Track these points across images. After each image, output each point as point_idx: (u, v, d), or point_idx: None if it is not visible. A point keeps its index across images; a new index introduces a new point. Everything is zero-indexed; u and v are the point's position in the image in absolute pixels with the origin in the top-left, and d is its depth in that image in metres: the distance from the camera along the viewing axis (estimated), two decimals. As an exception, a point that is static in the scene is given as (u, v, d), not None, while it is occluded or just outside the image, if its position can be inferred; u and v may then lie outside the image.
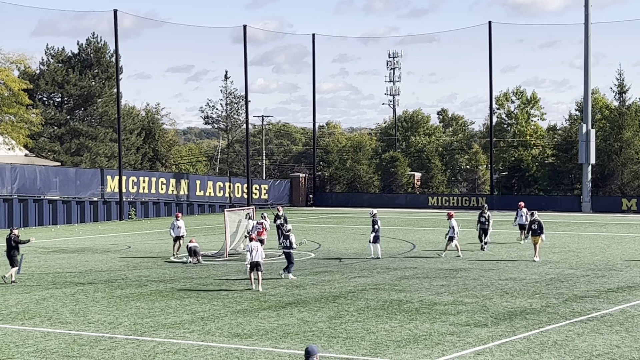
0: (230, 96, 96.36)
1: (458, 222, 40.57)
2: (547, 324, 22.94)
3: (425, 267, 34.74)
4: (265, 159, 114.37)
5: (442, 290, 28.88)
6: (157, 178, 71.67)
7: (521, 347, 20.39)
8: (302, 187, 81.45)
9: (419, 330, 22.33)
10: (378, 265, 35.44)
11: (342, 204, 78.16)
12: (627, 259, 37.35)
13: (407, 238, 47.42)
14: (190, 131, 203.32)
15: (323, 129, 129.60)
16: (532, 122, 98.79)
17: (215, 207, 74.42)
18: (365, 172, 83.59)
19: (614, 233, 49.44)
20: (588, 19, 69.96)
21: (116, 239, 49.97)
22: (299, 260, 37.37)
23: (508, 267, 34.69)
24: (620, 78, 78.72)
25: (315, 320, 23.80)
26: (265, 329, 22.62)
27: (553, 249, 41.39)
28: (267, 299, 27.42)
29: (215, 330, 22.55)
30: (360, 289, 29.31)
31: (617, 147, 73.41)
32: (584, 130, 69.51)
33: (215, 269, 35.22)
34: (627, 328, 22.35)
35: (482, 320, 23.48)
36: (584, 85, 70.93)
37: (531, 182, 78.94)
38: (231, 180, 78.41)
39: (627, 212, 67.92)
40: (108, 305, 26.61)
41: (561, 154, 78.05)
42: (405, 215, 66.38)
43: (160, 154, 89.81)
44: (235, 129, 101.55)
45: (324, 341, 21.12)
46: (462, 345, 20.56)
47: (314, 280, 31.52)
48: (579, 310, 24.93)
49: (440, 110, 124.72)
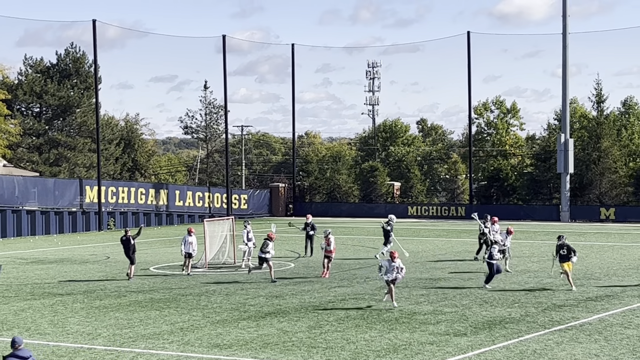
0: (210, 106, 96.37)
1: (444, 233, 40.56)
2: (527, 333, 23.00)
3: (404, 277, 34.72)
4: (245, 169, 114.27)
5: (421, 299, 28.91)
6: (136, 188, 71.48)
7: (500, 356, 20.43)
8: (281, 197, 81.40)
9: (398, 339, 22.34)
10: (357, 275, 35.46)
11: (321, 213, 78.09)
12: (606, 268, 37.51)
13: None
14: (170, 141, 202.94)
15: (303, 138, 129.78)
16: (511, 131, 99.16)
17: (195, 218, 74.25)
18: (345, 181, 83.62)
19: (592, 242, 49.65)
20: (566, 30, 70.36)
21: (95, 249, 49.78)
22: (279, 270, 37.34)
23: (484, 277, 34.71)
24: (598, 88, 79.20)
25: (295, 330, 23.78)
26: (245, 340, 22.58)
27: (532, 257, 41.51)
28: (246, 309, 27.37)
29: (195, 341, 22.49)
30: (340, 298, 29.31)
31: (596, 156, 73.73)
32: (563, 139, 69.81)
33: (194, 279, 35.13)
34: (605, 337, 22.43)
35: (461, 330, 23.52)
36: (562, 95, 71.25)
37: (510, 192, 79.15)
38: (210, 190, 78.30)
39: (605, 221, 68.20)
40: (87, 316, 26.50)
41: (540, 163, 78.32)
42: (385, 225, 66.39)
43: (139, 164, 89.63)
44: (214, 139, 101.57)
45: (304, 351, 21.10)
46: (442, 355, 20.58)
47: (294, 290, 31.49)
48: (558, 319, 25.01)
49: (420, 120, 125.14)
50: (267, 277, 34.99)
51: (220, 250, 40.57)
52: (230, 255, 40.61)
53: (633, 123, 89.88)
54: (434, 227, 64.34)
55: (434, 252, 45.08)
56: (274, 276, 33.84)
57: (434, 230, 60.50)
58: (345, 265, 39.32)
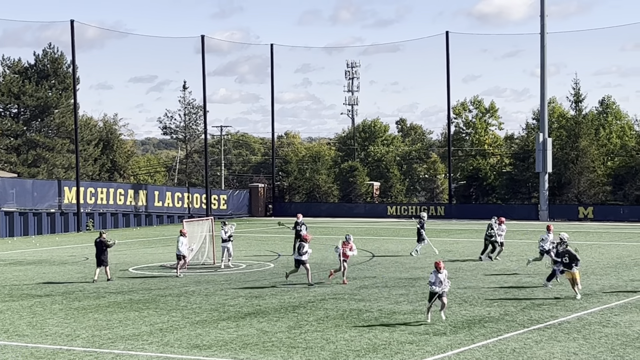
0: (189, 106, 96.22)
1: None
2: (506, 332, 23.06)
3: (384, 276, 34.81)
4: (224, 169, 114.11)
5: (401, 299, 28.95)
6: (115, 189, 71.26)
7: (480, 355, 20.48)
8: (261, 197, 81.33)
9: (378, 339, 22.36)
10: (337, 275, 35.44)
11: (301, 213, 78.05)
12: (584, 266, 37.61)
13: (366, 247, 47.48)
14: (149, 142, 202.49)
15: (282, 139, 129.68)
16: (490, 131, 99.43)
17: (174, 218, 74.09)
18: (324, 181, 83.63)
19: (570, 241, 49.70)
20: (544, 30, 70.63)
21: (74, 250, 49.60)
22: (258, 271, 37.33)
23: (467, 275, 34.83)
24: (576, 87, 79.60)
25: (274, 330, 23.76)
26: (225, 340, 22.55)
27: (511, 257, 41.61)
28: (226, 309, 27.33)
29: (174, 342, 22.44)
30: (320, 298, 29.31)
31: (574, 155, 74.05)
32: (541, 139, 70.06)
33: (173, 280, 35.05)
34: (584, 335, 22.52)
35: (441, 329, 23.56)
36: (541, 95, 71.52)
37: (489, 191, 79.38)
38: (190, 190, 78.15)
39: (583, 220, 68.49)
40: (66, 317, 26.39)
41: (519, 162, 78.58)
42: (365, 225, 66.50)
43: (118, 165, 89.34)
44: (193, 140, 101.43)
45: (284, 351, 21.09)
46: (422, 354, 20.61)
47: (273, 290, 31.47)
48: (536, 318, 25.09)
49: (399, 120, 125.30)
50: (247, 277, 35.00)
51: (199, 251, 40.49)
52: (209, 256, 40.54)
53: (611, 122, 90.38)
54: (413, 226, 64.28)
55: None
56: (311, 280, 32.57)
57: (413, 230, 60.38)
58: (325, 265, 39.31)
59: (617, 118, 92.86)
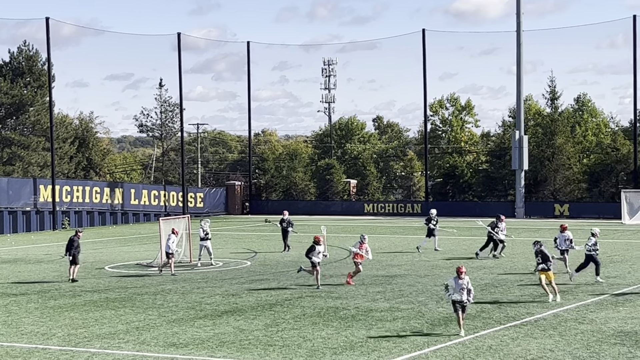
0: (165, 104, 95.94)
1: (400, 230, 40.76)
2: (482, 329, 23.13)
3: (360, 274, 34.77)
4: (201, 167, 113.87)
5: (378, 296, 28.97)
6: (91, 187, 70.96)
7: (456, 352, 20.53)
8: (237, 195, 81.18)
9: (355, 337, 22.37)
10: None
11: (278, 211, 77.52)
12: (560, 263, 37.75)
13: (343, 245, 47.49)
14: (125, 140, 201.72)
15: (259, 136, 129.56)
16: (466, 128, 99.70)
17: (150, 216, 73.84)
18: (301, 179, 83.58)
19: (546, 238, 49.89)
20: (520, 27, 70.82)
21: (49, 249, 49.34)
22: (235, 269, 37.27)
23: (443, 273, 34.89)
24: (552, 85, 79.91)
25: (251, 328, 23.73)
26: (201, 338, 22.50)
27: (486, 254, 41.70)
28: (202, 307, 27.28)
29: (151, 340, 22.37)
30: (297, 296, 29.30)
31: (550, 153, 74.32)
32: (517, 136, 70.28)
33: (150, 278, 34.96)
34: (560, 332, 22.61)
35: (417, 326, 23.60)
36: (517, 92, 71.73)
37: (465, 189, 79.57)
38: (166, 188, 77.92)
39: (559, 217, 68.73)
40: (41, 316, 26.26)
41: (495, 160, 78.79)
42: (341, 222, 66.52)
43: (94, 163, 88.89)
44: (170, 137, 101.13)
45: (260, 349, 21.06)
46: (398, 352, 20.64)
47: (250, 288, 31.43)
48: (513, 315, 25.17)
49: (376, 118, 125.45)
50: (224, 276, 34.97)
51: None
52: (186, 254, 40.43)
53: (586, 120, 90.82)
54: (390, 224, 64.52)
55: (390, 249, 45.20)
56: (320, 283, 31.32)
57: (390, 227, 60.66)
58: (301, 263, 39.26)
59: (593, 115, 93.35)
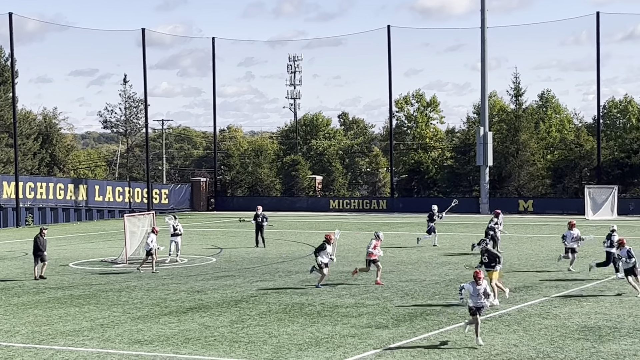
0: (130, 100, 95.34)
1: (366, 226, 40.80)
2: (447, 325, 23.22)
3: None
4: (166, 164, 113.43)
5: (343, 292, 29.00)
6: (54, 183, 70.49)
7: (421, 347, 20.59)
8: (203, 192, 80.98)
9: (320, 333, 22.38)
10: (280, 269, 35.46)
11: (243, 207, 77.79)
12: (524, 259, 38.05)
13: (308, 241, 47.51)
14: (89, 136, 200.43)
15: (224, 132, 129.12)
16: (431, 125, 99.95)
17: (115, 213, 73.50)
18: (267, 175, 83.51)
19: (511, 234, 50.27)
20: (484, 24, 71.11)
21: (13, 246, 48.98)
22: (200, 265, 37.18)
23: (408, 269, 35.00)
24: (516, 81, 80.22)
25: (217, 325, 23.68)
26: (166, 335, 22.42)
27: (452, 249, 41.92)
28: (167, 304, 27.19)
29: (115, 337, 22.26)
30: (262, 292, 29.27)
31: (514, 149, 74.72)
32: (482, 133, 70.59)
33: (115, 275, 34.79)
34: (524, 327, 22.74)
35: (383, 322, 23.65)
36: (481, 89, 72.01)
37: (430, 185, 79.83)
38: (131, 185, 77.58)
39: (523, 213, 69.14)
40: (5, 313, 26.06)
41: (460, 156, 79.12)
42: (307, 219, 66.53)
43: (58, 159, 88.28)
44: (134, 134, 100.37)
45: (226, 346, 21.02)
46: (364, 347, 20.67)
47: (216, 284, 31.37)
48: (477, 310, 25.25)
49: (341, 114, 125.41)
50: (189, 272, 34.89)
51: (140, 246, 40.19)
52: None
53: (550, 116, 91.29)
54: (356, 220, 64.62)
55: (356, 245, 45.25)
56: (320, 283, 30.35)
57: (355, 224, 60.75)
58: (267, 259, 39.29)
59: (557, 112, 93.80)
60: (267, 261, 38.39)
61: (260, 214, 45.37)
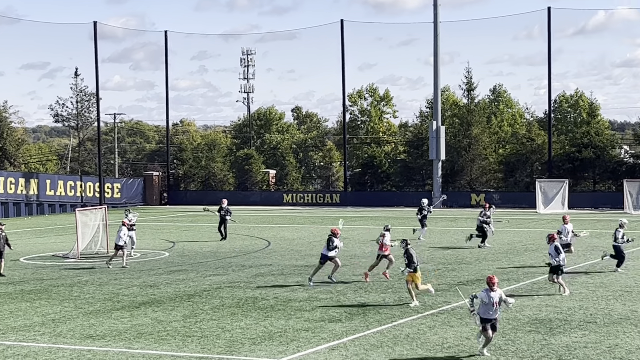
0: (82, 94, 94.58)
1: (319, 220, 40.81)
2: (400, 318, 23.32)
3: (280, 264, 34.85)
4: (118, 158, 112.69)
5: (297, 286, 29.02)
6: (5, 178, 69.73)
7: (374, 341, 20.67)
8: (155, 186, 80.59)
9: (274, 327, 22.38)
10: (233, 264, 35.39)
11: (196, 202, 77.53)
12: (476, 252, 38.30)
13: (262, 235, 47.47)
14: (40, 129, 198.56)
15: (177, 126, 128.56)
16: (384, 119, 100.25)
17: (67, 207, 72.89)
18: (220, 169, 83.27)
19: (463, 227, 50.56)
20: (437, 18, 71.40)
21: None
22: (153, 260, 37.00)
23: (362, 262, 35.06)
24: (468, 76, 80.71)
25: (169, 319, 23.60)
26: (119, 330, 22.30)
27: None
28: (120, 299, 27.04)
29: (67, 332, 22.10)
30: (216, 287, 29.21)
31: (466, 143, 75.16)
32: (434, 127, 70.90)
33: (66, 270, 34.52)
34: (476, 320, 22.85)
35: (336, 316, 23.70)
36: (434, 83, 72.33)
37: (384, 179, 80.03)
38: (82, 179, 76.97)
39: (476, 207, 69.50)
40: (-46, 309, 25.78)
41: (413, 150, 79.39)
42: (261, 213, 66.45)
43: (8, 153, 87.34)
44: (86, 127, 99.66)
45: (179, 340, 20.95)
46: (317, 341, 20.70)
47: (168, 279, 31.24)
48: (430, 303, 25.41)
49: (295, 108, 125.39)
50: (142, 267, 34.70)
51: (92, 240, 39.95)
52: (103, 245, 40.02)
53: (502, 110, 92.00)
54: (309, 214, 64.64)
55: (309, 239, 45.30)
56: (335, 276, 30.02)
57: (309, 218, 60.78)
58: (220, 253, 39.21)
59: (509, 106, 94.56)
60: (220, 255, 38.30)
61: (225, 207, 45.54)
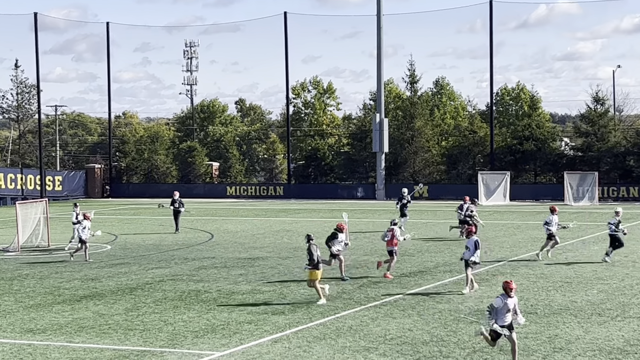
0: (22, 85, 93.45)
1: (263, 213, 40.75)
2: (343, 310, 23.38)
3: (223, 257, 34.76)
4: (60, 150, 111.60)
5: (240, 279, 28.97)
6: (-56, 170, 68.79)
7: (317, 333, 20.70)
8: (97, 178, 79.95)
9: (217, 320, 22.33)
10: (176, 256, 35.23)
11: (139, 194, 77.13)
12: (419, 244, 38.50)
13: (205, 228, 47.32)
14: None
15: (120, 119, 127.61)
16: (328, 111, 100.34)
17: (7, 200, 72.05)
18: (163, 162, 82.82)
19: (407, 219, 50.80)
20: (380, 11, 71.58)
21: None
22: (95, 253, 36.69)
23: (305, 254, 35.03)
24: (412, 69, 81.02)
25: (111, 313, 23.43)
26: (60, 324, 22.10)
27: (349, 235, 42.07)
28: (61, 292, 26.79)
29: (7, 327, 21.86)
30: (158, 280, 29.06)
31: (409, 135, 75.49)
32: (378, 119, 71.14)
33: (6, 263, 34.12)
34: (418, 312, 23.02)
35: (279, 308, 23.71)
36: (377, 76, 72.55)
37: (327, 171, 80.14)
38: (23, 172, 76.13)
39: (418, 199, 69.89)
40: None
41: (356, 142, 79.54)
42: (204, 205, 66.20)
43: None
44: (27, 119, 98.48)
45: (121, 334, 20.82)
46: (260, 334, 20.69)
47: (110, 272, 31.01)
48: (373, 295, 25.51)
49: (239, 100, 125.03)
50: (83, 260, 34.40)
51: (33, 233, 39.54)
52: (44, 238, 39.62)
53: (445, 103, 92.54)
54: (253, 206, 64.51)
55: (253, 231, 45.25)
56: (345, 273, 29.00)
57: (252, 210, 60.65)
58: (163, 246, 39.02)
59: (451, 99, 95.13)
60: (162, 248, 38.10)
61: (177, 199, 45.54)
